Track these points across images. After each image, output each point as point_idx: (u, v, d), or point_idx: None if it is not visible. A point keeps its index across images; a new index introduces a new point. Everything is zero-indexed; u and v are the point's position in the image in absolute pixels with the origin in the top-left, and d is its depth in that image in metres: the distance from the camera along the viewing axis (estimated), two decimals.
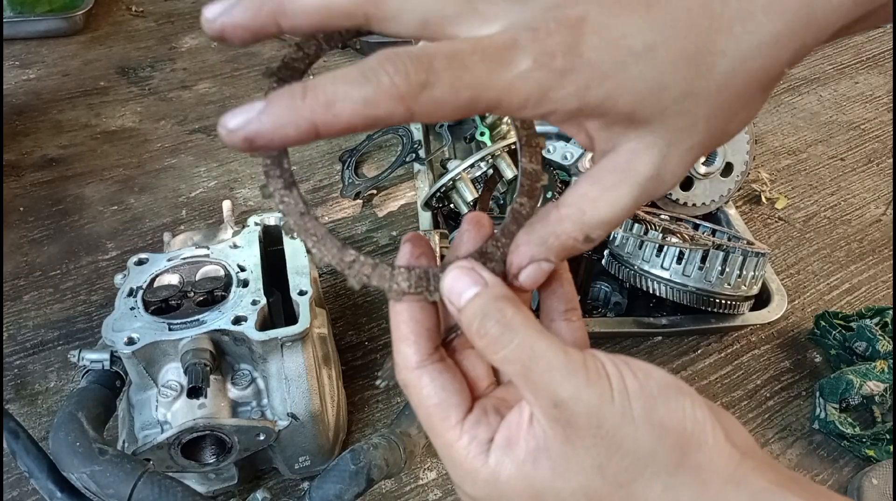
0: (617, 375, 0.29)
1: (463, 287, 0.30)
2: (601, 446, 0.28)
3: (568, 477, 0.29)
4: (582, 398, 0.28)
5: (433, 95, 0.24)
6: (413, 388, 0.32)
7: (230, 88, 1.37)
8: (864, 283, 1.02)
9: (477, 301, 0.29)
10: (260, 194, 1.12)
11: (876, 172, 1.22)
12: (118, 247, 1.03)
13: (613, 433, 0.28)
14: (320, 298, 0.84)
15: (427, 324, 0.32)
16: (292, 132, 0.25)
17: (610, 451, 0.28)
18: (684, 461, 0.28)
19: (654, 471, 0.28)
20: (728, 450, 0.29)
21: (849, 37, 1.55)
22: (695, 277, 0.80)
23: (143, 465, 0.60)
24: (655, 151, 0.28)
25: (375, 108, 0.24)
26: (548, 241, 0.30)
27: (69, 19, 1.49)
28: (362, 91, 0.24)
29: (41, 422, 0.80)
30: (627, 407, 0.28)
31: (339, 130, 0.25)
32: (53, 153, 1.20)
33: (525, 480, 0.30)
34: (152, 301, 0.67)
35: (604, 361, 0.29)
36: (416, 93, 0.24)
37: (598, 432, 0.28)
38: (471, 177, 0.91)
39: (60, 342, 0.89)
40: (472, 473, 0.30)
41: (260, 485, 0.76)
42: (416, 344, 0.31)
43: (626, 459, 0.28)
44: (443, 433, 0.31)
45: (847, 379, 0.81)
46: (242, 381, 0.68)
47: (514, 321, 0.29)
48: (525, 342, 0.28)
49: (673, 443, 0.28)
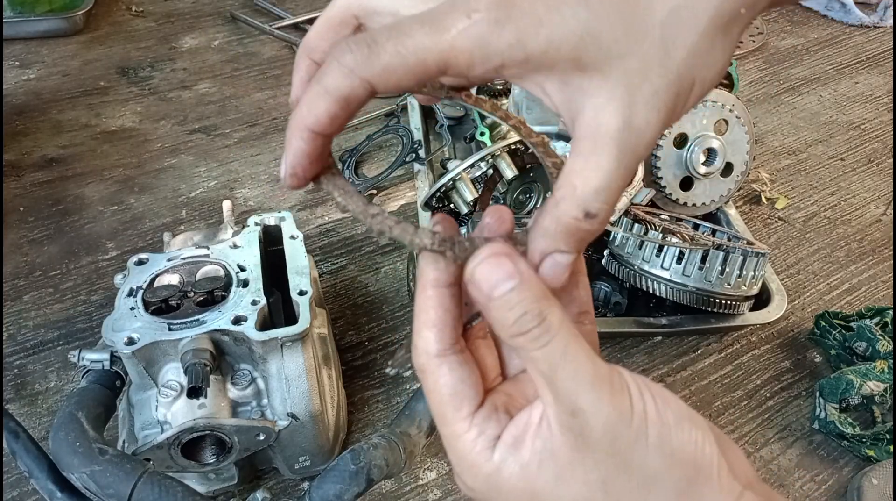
0: (639, 397, 0.29)
1: (499, 278, 0.28)
2: (610, 462, 0.28)
3: (571, 485, 0.29)
4: (602, 411, 0.28)
5: (381, 62, 0.27)
6: (430, 375, 0.31)
7: (230, 88, 1.37)
8: (864, 283, 1.02)
9: (514, 296, 0.28)
10: (260, 194, 1.13)
11: (876, 172, 1.22)
12: (118, 247, 1.03)
13: (626, 452, 0.28)
14: (320, 298, 0.84)
15: (454, 313, 0.31)
16: (301, 144, 0.29)
17: (619, 469, 0.28)
18: (689, 490, 0.29)
19: (658, 496, 0.29)
20: (730, 484, 0.29)
21: (848, 37, 1.55)
22: (695, 277, 0.80)
23: (143, 465, 0.60)
24: (616, 100, 0.28)
25: (338, 89, 0.27)
26: (551, 228, 0.29)
27: (69, 19, 1.49)
28: (323, 82, 0.27)
29: (41, 422, 0.80)
30: (643, 431, 0.28)
31: (328, 125, 0.28)
32: (53, 153, 1.20)
33: (526, 481, 0.30)
34: (152, 301, 0.67)
35: (628, 380, 0.29)
36: (363, 64, 0.27)
37: (611, 449, 0.28)
38: (471, 177, 0.91)
39: (60, 342, 0.89)
40: (475, 466, 0.31)
41: (260, 485, 0.76)
42: (440, 332, 0.31)
43: (634, 480, 0.28)
44: (453, 424, 0.31)
45: (847, 379, 0.81)
46: (242, 381, 0.68)
47: (552, 320, 0.28)
48: (558, 345, 0.28)
49: (680, 473, 0.29)
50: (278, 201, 1.12)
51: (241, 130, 1.26)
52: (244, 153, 1.21)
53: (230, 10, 1.60)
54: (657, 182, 0.93)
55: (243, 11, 1.59)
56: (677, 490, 0.29)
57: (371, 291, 0.98)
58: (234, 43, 1.51)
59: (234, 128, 1.27)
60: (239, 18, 1.57)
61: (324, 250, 1.04)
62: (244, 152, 1.21)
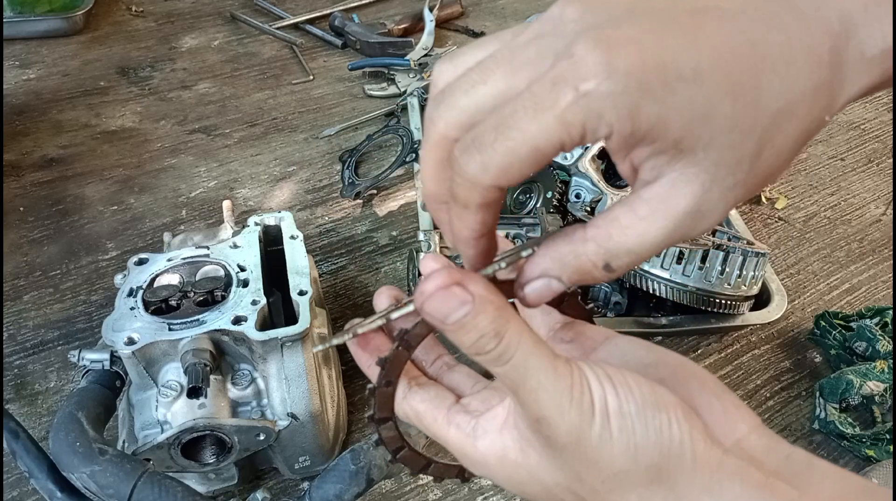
0: (600, 393, 0.29)
1: (451, 308, 0.28)
2: (579, 459, 0.30)
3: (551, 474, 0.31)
4: (564, 417, 0.29)
5: (496, 163, 0.26)
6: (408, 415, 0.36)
7: (230, 88, 1.37)
8: (864, 283, 1.02)
9: (469, 320, 0.28)
10: (260, 194, 1.12)
11: (876, 172, 1.22)
12: (118, 247, 1.03)
13: (591, 451, 0.29)
14: (320, 298, 0.84)
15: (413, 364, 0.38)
16: (472, 251, 0.31)
17: (588, 465, 0.30)
18: (660, 477, 0.29)
19: (630, 487, 0.30)
20: (707, 455, 0.29)
21: None
22: (695, 277, 0.80)
23: (143, 465, 0.60)
24: (697, 185, 0.27)
25: (465, 209, 0.28)
26: (566, 258, 0.29)
27: (69, 19, 1.49)
28: (452, 212, 0.29)
29: (41, 422, 0.80)
30: (606, 428, 0.29)
31: (483, 229, 0.29)
32: (53, 153, 1.20)
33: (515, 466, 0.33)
34: (152, 301, 0.67)
35: (590, 378, 0.30)
36: (480, 177, 0.26)
37: (577, 448, 0.29)
38: None
39: (60, 342, 0.89)
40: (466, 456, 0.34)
41: (260, 485, 0.76)
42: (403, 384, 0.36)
43: (602, 474, 0.29)
44: (436, 432, 0.35)
45: (847, 379, 0.81)
46: (242, 381, 0.68)
47: (510, 339, 0.29)
48: (519, 361, 0.29)
49: (648, 463, 0.29)
50: (278, 201, 1.12)
51: (241, 130, 1.26)
52: (244, 153, 1.21)
53: (230, 10, 1.60)
54: None
55: (243, 11, 1.59)
56: (647, 479, 0.29)
57: (371, 291, 0.98)
58: (234, 43, 1.51)
59: (234, 128, 1.27)
60: (239, 18, 1.57)
61: (324, 250, 1.04)
62: (244, 152, 1.21)
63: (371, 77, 1.40)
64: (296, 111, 1.32)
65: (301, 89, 1.37)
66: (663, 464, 0.29)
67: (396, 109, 1.28)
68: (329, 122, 1.28)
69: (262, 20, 1.56)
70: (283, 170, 1.18)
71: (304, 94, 1.36)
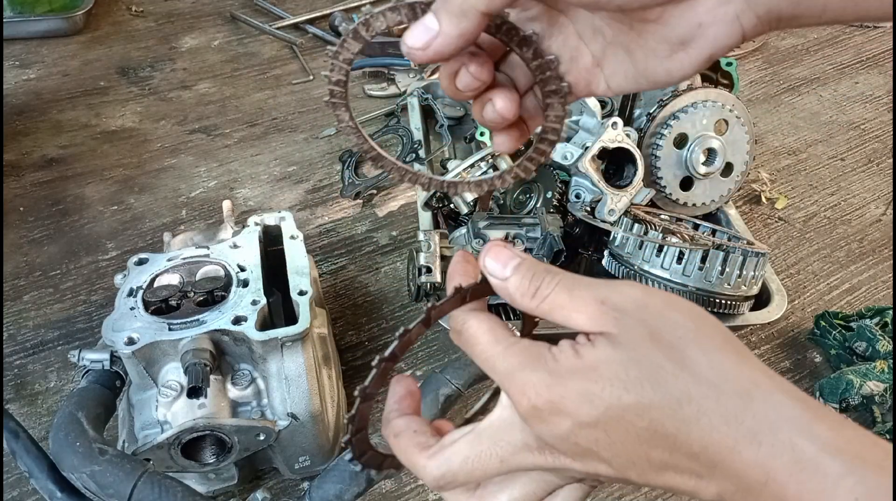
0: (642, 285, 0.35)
1: (506, 259, 0.35)
2: (649, 323, 0.33)
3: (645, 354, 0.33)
4: (627, 294, 0.33)
5: None
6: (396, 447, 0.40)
7: (230, 88, 1.37)
8: (864, 283, 1.02)
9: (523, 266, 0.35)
10: (260, 194, 1.13)
11: (876, 172, 1.22)
12: (118, 247, 1.03)
13: (656, 316, 0.33)
14: (320, 298, 0.84)
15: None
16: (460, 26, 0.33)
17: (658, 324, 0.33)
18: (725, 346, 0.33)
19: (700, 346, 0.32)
20: None
21: (848, 37, 1.55)
22: (695, 277, 0.80)
23: (143, 465, 0.60)
24: None
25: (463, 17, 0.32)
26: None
27: (69, 19, 1.49)
28: None
29: (41, 422, 0.80)
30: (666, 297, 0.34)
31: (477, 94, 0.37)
32: (53, 153, 1.20)
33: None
34: (152, 301, 0.67)
35: None
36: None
37: (644, 313, 0.33)
38: (470, 177, 0.91)
39: (60, 342, 0.89)
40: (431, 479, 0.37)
41: (260, 485, 0.76)
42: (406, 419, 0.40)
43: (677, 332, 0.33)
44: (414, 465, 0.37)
45: (847, 379, 0.81)
46: (242, 381, 0.68)
47: (550, 271, 0.35)
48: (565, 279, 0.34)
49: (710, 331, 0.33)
50: (278, 201, 1.12)
51: (241, 130, 1.26)
52: (244, 153, 1.21)
53: (230, 10, 1.60)
54: (657, 182, 0.93)
55: (243, 11, 1.59)
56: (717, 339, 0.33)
57: (371, 291, 0.98)
58: (234, 43, 1.51)
59: (234, 128, 1.27)
60: (239, 18, 1.58)
61: (324, 250, 1.04)
62: (244, 152, 1.21)
63: (371, 77, 1.40)
64: (296, 111, 1.32)
65: (301, 89, 1.37)
66: None
67: (396, 108, 1.28)
68: (329, 122, 1.28)
69: (262, 20, 1.56)
70: (283, 170, 1.18)
71: (304, 94, 1.36)
